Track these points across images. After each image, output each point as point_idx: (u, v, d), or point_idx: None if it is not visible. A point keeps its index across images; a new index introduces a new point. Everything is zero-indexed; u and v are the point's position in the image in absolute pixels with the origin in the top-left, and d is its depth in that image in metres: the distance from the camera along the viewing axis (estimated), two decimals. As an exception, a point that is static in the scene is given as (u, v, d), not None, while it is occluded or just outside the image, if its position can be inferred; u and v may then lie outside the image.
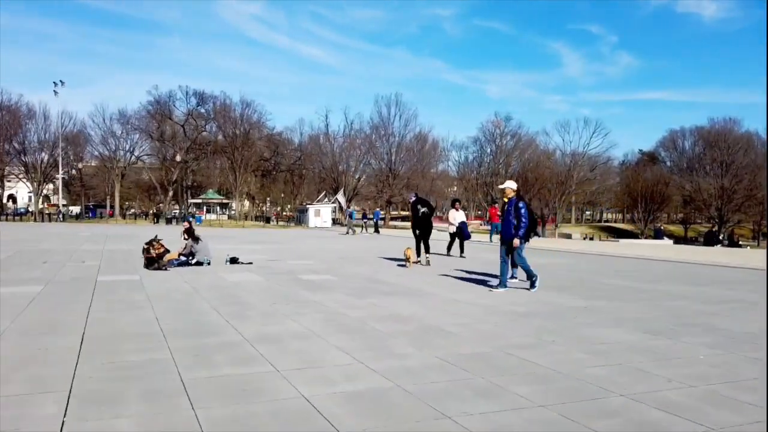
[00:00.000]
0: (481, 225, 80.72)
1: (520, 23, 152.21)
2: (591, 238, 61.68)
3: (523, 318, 6.71)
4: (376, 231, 36.80)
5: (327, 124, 72.99)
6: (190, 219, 20.68)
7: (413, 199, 14.42)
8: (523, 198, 9.03)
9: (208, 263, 12.36)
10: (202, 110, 73.55)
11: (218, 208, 75.11)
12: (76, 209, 79.82)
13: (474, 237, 21.86)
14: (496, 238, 15.14)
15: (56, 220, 59.89)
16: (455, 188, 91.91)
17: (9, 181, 73.11)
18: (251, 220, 76.27)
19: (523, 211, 8.75)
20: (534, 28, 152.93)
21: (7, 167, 68.31)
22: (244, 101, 71.12)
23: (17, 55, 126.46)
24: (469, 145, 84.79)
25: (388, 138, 66.83)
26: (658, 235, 50.60)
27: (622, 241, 43.59)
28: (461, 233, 16.00)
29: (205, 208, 73.34)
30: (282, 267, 12.43)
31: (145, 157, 76.60)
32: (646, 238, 62.08)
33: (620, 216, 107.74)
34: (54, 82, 62.91)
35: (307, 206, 54.17)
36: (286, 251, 17.88)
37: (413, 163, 69.14)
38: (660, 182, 79.65)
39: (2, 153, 65.62)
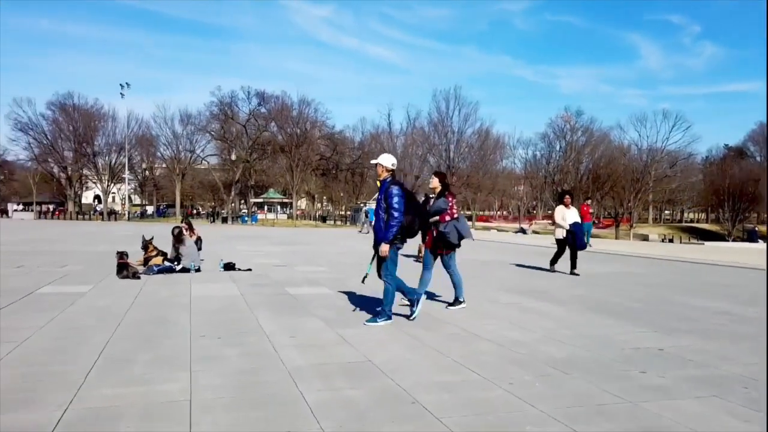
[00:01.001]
0: (549, 225, 76.58)
1: (594, 16, 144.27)
2: (671, 240, 56.51)
3: (558, 372, 4.26)
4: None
5: (390, 123, 70.96)
6: (189, 218, 18.96)
7: (423, 199, 13.37)
8: (402, 183, 6.05)
9: (197, 270, 10.50)
10: (263, 110, 73.36)
11: (279, 207, 74.98)
12: (151, 209, 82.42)
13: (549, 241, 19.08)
14: (593, 241, 11.62)
15: (123, 220, 61.26)
16: (522, 186, 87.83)
17: (95, 182, 75.13)
18: (311, 219, 75.62)
19: (395, 200, 5.78)
20: (610, 20, 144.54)
21: (84, 169, 70.47)
22: (302, 100, 70.29)
23: (102, 62, 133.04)
24: (537, 141, 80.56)
25: (446, 134, 63.89)
26: (751, 237, 44.85)
27: (708, 244, 38.85)
28: (573, 239, 11.29)
29: (266, 207, 73.37)
30: (280, 275, 10.38)
31: (211, 157, 77.53)
32: (734, 240, 56.10)
33: (703, 216, 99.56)
34: (120, 85, 64.58)
35: (361, 205, 52.32)
36: (307, 254, 15.86)
37: (474, 160, 65.82)
38: (749, 179, 72.32)
39: (80, 155, 67.75)
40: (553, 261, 11.80)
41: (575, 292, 8.87)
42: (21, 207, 69.79)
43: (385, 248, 5.79)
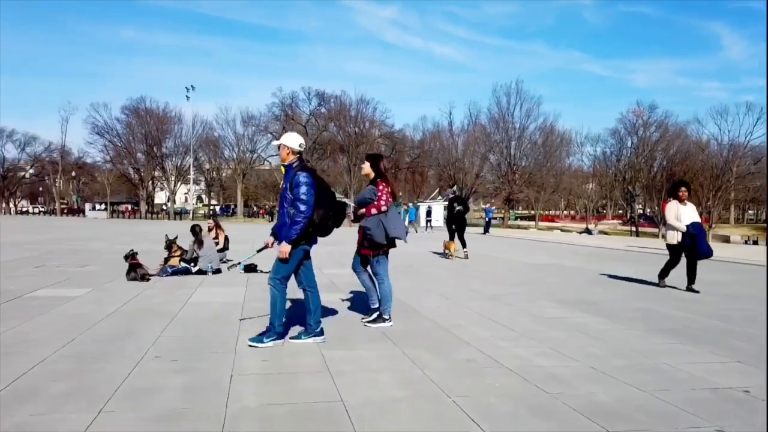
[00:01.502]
0: (619, 225, 72.56)
1: (671, 5, 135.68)
2: (755, 242, 51.96)
3: (597, 427, 3.03)
4: (486, 231, 32.76)
5: (450, 121, 69.42)
6: (216, 217, 18.44)
7: (451, 196, 14.90)
8: (312, 169, 4.78)
9: (215, 271, 9.77)
10: (323, 110, 73.71)
11: (337, 207, 74.92)
12: (218, 209, 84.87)
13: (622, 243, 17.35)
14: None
15: (188, 219, 62.92)
16: (590, 185, 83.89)
17: (164, 183, 77.54)
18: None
19: (303, 189, 4.53)
20: (688, 10, 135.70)
21: (155, 170, 73.01)
22: (360, 100, 69.96)
23: (169, 66, 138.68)
24: (607, 137, 76.47)
25: (507, 130, 61.54)
26: None
27: (799, 246, 35.14)
28: (693, 244, 8.74)
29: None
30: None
31: (272, 157, 78.61)
32: (829, 242, 50.91)
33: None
34: (186, 87, 66.37)
35: (419, 204, 51.05)
36: (345, 255, 14.88)
37: (537, 157, 63.13)
38: None
39: (150, 157, 70.32)
40: (664, 273, 9.34)
41: (639, 305, 7.44)
42: (102, 207, 73.18)
43: (285, 249, 4.61)
